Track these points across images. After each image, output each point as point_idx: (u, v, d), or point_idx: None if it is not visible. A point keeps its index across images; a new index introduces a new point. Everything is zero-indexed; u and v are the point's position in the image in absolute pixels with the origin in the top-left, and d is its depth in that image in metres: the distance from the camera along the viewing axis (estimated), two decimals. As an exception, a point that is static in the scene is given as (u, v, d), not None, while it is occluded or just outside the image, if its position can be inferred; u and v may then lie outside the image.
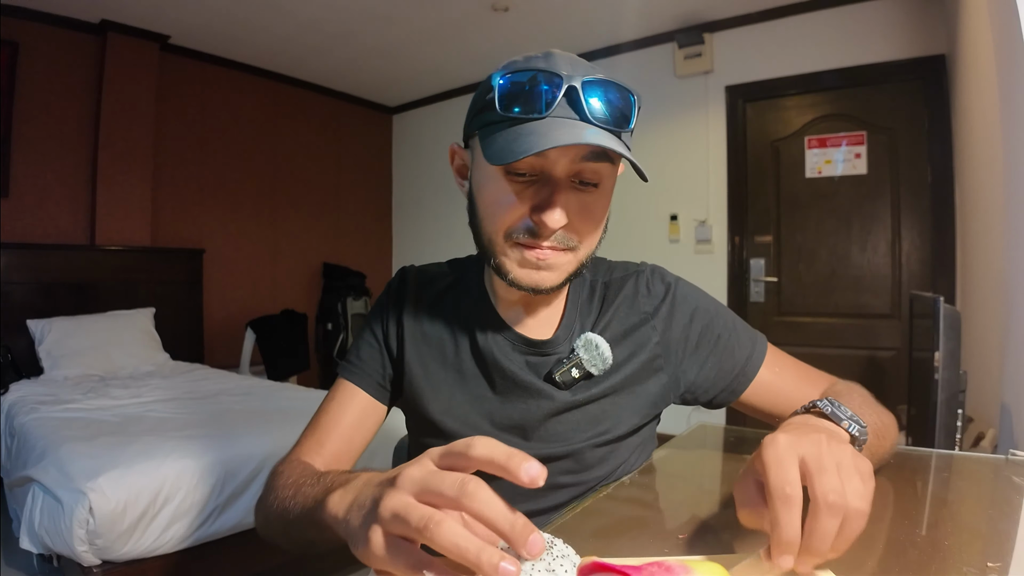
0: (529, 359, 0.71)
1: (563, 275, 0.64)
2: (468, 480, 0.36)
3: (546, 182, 0.59)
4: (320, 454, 0.70)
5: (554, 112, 0.56)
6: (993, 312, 1.59)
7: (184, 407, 2.24)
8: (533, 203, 0.60)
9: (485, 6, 3.19)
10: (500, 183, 0.61)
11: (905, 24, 2.84)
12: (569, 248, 0.63)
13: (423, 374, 0.73)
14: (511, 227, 0.61)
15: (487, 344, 0.71)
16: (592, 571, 0.36)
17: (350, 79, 4.41)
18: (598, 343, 0.69)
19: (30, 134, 3.08)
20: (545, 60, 0.60)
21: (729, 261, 3.36)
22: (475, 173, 0.65)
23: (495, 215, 0.62)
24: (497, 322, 0.72)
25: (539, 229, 0.60)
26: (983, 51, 1.71)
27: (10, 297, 2.90)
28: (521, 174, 0.60)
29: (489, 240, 0.64)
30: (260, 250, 4.18)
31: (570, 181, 0.60)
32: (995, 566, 0.42)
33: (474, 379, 0.72)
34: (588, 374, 0.69)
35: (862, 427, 0.50)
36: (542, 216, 0.59)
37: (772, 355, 0.75)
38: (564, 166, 0.59)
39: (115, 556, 1.50)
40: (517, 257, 0.62)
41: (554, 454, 0.70)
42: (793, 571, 0.40)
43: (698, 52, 3.37)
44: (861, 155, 3.01)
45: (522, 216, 0.61)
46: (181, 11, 3.19)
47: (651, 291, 0.75)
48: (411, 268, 0.80)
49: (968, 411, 1.39)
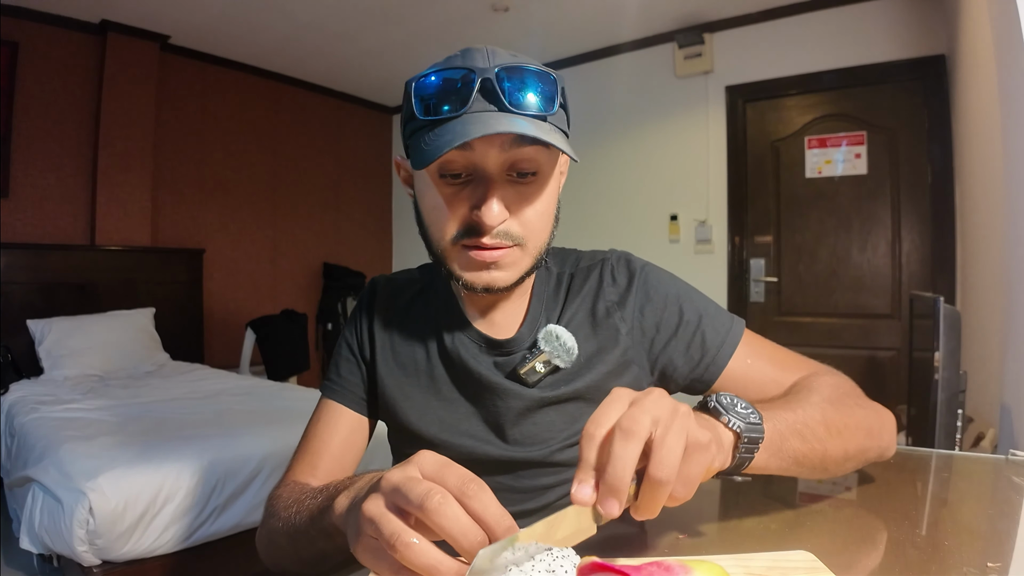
0: (496, 359, 0.70)
1: (516, 272, 0.63)
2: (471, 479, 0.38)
3: (481, 180, 0.59)
4: (315, 476, 0.70)
5: (472, 108, 0.55)
6: (993, 312, 1.59)
7: (184, 407, 2.24)
8: (471, 202, 0.59)
9: (485, 6, 3.19)
10: (437, 188, 0.60)
11: (905, 24, 2.84)
12: (516, 244, 0.61)
13: (396, 384, 0.73)
14: (454, 229, 0.60)
15: (455, 347, 0.70)
16: (592, 571, 0.36)
17: (350, 79, 4.41)
18: (559, 333, 0.67)
19: (30, 134, 3.07)
20: (462, 57, 0.59)
21: (729, 261, 3.36)
22: (416, 183, 0.65)
23: (437, 221, 0.61)
24: (464, 324, 0.71)
25: (479, 227, 0.59)
26: (983, 51, 1.71)
27: (10, 297, 2.90)
28: (456, 175, 0.59)
29: (437, 247, 0.63)
30: (260, 250, 4.18)
31: (506, 174, 0.59)
32: (995, 566, 0.42)
33: (446, 384, 0.71)
34: (555, 368, 0.68)
35: (751, 423, 0.46)
36: (480, 213, 0.58)
37: (748, 340, 0.71)
38: (495, 159, 0.57)
39: (115, 556, 1.50)
40: (464, 260, 0.61)
41: (532, 458, 0.69)
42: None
43: (698, 52, 3.37)
44: (861, 155, 3.01)
45: (462, 218, 0.60)
46: (181, 11, 3.19)
47: (616, 279, 0.72)
48: (380, 278, 0.80)
49: (968, 411, 1.39)
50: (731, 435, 0.46)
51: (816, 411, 0.55)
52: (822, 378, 0.64)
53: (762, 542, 0.50)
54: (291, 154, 4.35)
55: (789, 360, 0.71)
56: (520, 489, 0.70)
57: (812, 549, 0.45)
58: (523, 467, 0.70)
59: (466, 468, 0.69)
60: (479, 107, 0.56)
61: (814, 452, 0.53)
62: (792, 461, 0.52)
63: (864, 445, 0.59)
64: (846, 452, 0.57)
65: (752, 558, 0.44)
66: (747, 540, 0.52)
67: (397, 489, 0.38)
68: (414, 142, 0.59)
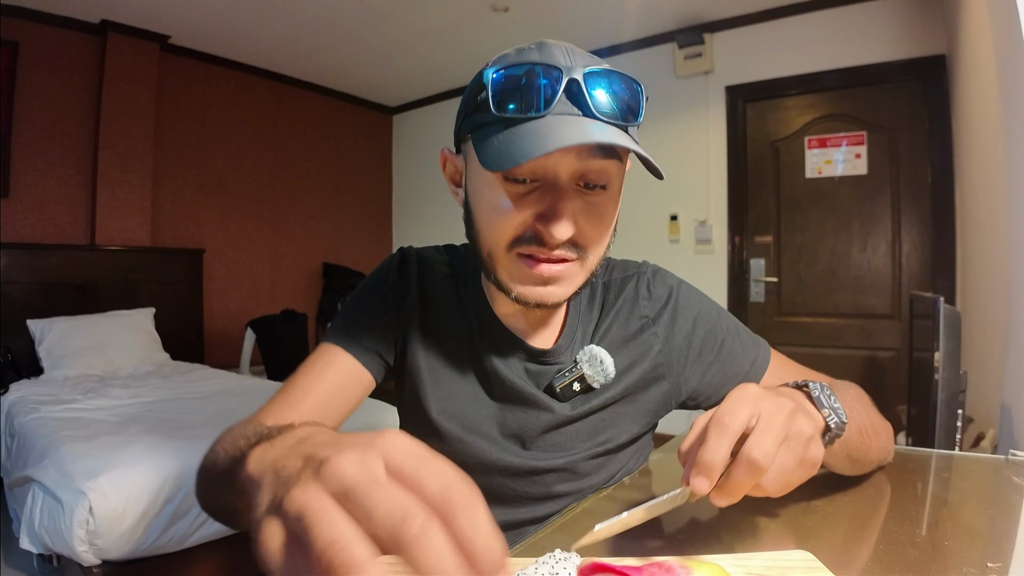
0: (529, 367, 0.67)
1: (572, 288, 0.59)
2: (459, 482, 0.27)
3: (550, 187, 0.54)
4: (288, 418, 0.59)
5: (555, 109, 0.51)
6: (993, 312, 1.59)
7: (184, 407, 2.24)
8: (537, 211, 0.54)
9: (485, 6, 3.19)
10: (499, 190, 0.55)
11: (905, 24, 2.84)
12: (578, 257, 0.58)
13: (427, 367, 0.68)
14: (514, 237, 0.56)
15: (486, 347, 0.67)
16: (592, 571, 0.36)
17: (350, 79, 4.41)
18: (603, 358, 0.65)
19: (30, 134, 3.08)
20: (540, 51, 0.54)
21: (729, 261, 3.36)
22: (470, 180, 0.60)
23: (495, 225, 0.56)
24: (496, 326, 0.68)
25: (545, 239, 0.55)
26: (983, 51, 1.71)
27: (10, 297, 2.90)
28: (522, 180, 0.54)
29: (489, 253, 0.58)
30: (260, 250, 4.18)
31: (575, 184, 0.55)
32: (995, 566, 0.42)
33: (472, 382, 0.68)
34: (588, 387, 0.66)
35: (842, 421, 0.48)
36: (548, 226, 0.53)
37: (775, 360, 0.73)
38: (569, 167, 0.54)
39: (115, 556, 1.50)
40: (520, 273, 0.57)
41: (552, 466, 0.68)
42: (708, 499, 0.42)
43: (698, 52, 3.37)
44: (861, 155, 3.01)
45: (525, 224, 0.55)
46: (181, 11, 3.19)
47: (652, 294, 0.71)
48: (410, 250, 0.74)
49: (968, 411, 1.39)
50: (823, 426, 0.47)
51: (863, 412, 0.58)
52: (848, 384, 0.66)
53: (762, 542, 0.50)
54: (291, 154, 4.35)
55: (814, 376, 0.72)
56: (534, 496, 0.68)
57: (812, 549, 0.45)
58: (540, 474, 0.68)
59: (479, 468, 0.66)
60: (562, 109, 0.52)
61: (864, 446, 0.57)
62: (846, 454, 0.55)
63: (885, 447, 0.63)
64: (878, 452, 0.60)
65: (751, 558, 0.44)
66: (747, 540, 0.52)
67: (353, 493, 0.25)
68: (481, 139, 0.54)
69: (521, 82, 0.51)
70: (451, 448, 0.67)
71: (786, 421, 0.41)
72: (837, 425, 0.47)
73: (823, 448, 0.45)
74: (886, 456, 0.64)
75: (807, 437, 0.42)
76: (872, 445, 0.58)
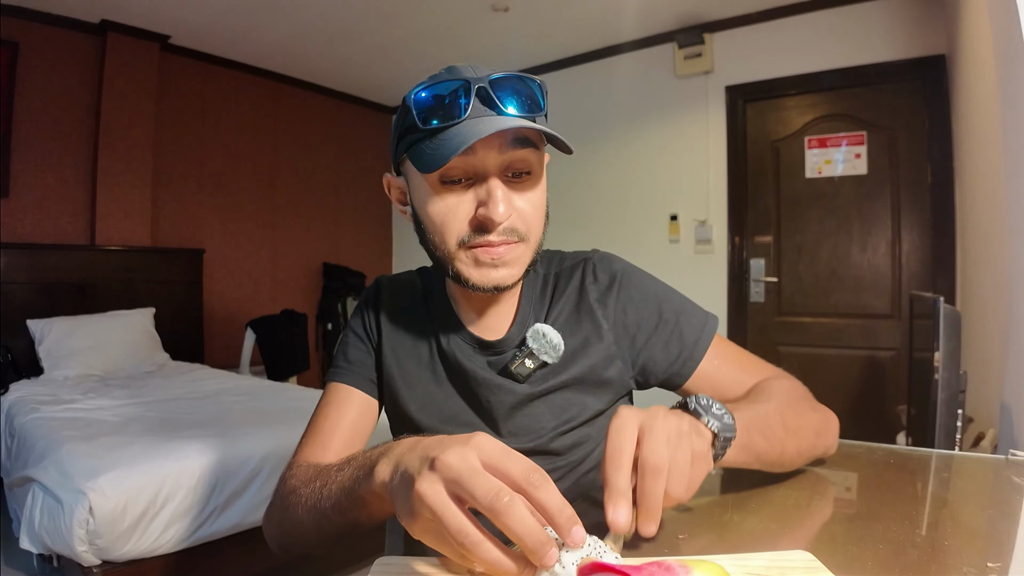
0: (489, 359, 0.74)
1: (520, 268, 0.66)
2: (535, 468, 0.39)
3: (482, 180, 0.62)
4: (325, 458, 0.70)
5: (471, 113, 0.59)
6: (993, 312, 1.59)
7: (184, 407, 2.24)
8: (475, 203, 0.62)
9: (485, 6, 3.19)
10: (440, 195, 0.63)
11: (905, 24, 2.84)
12: (520, 239, 0.65)
13: (400, 374, 0.76)
14: (460, 233, 0.63)
15: (451, 348, 0.74)
16: (592, 571, 0.37)
17: (350, 79, 4.41)
18: (545, 331, 0.71)
19: (30, 134, 3.08)
20: (449, 72, 0.63)
21: (729, 261, 3.36)
22: (414, 195, 0.68)
23: (443, 226, 0.64)
24: (458, 327, 0.75)
25: (487, 225, 0.62)
26: (983, 51, 1.71)
27: (10, 297, 2.90)
28: (456, 180, 0.62)
29: (443, 253, 0.65)
30: (260, 250, 4.18)
31: (504, 175, 0.63)
32: (995, 566, 0.42)
33: (443, 380, 0.76)
34: (543, 363, 0.71)
35: (725, 424, 0.51)
36: (487, 211, 0.61)
37: (717, 343, 0.75)
38: (494, 161, 0.61)
39: (115, 556, 1.51)
40: (471, 260, 0.64)
41: (525, 448, 0.71)
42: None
43: (698, 52, 3.37)
44: (861, 155, 3.01)
45: (468, 219, 0.63)
46: (181, 11, 3.19)
47: (598, 278, 0.76)
48: (384, 278, 0.83)
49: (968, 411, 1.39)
50: (710, 435, 0.51)
51: (776, 412, 0.62)
52: (779, 382, 0.71)
53: (762, 542, 0.50)
54: (291, 154, 4.35)
55: (751, 363, 0.76)
56: None
57: (811, 549, 0.45)
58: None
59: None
60: (478, 113, 0.60)
61: (774, 449, 0.60)
62: (755, 457, 0.58)
63: (813, 443, 0.66)
64: (799, 449, 0.64)
65: (751, 558, 0.44)
66: (747, 540, 0.52)
67: (459, 481, 0.38)
68: (415, 152, 0.62)
69: (438, 97, 0.60)
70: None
71: (664, 424, 0.44)
72: (721, 428, 0.51)
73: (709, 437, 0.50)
74: (817, 452, 0.68)
75: (686, 432, 0.46)
76: (786, 447, 0.61)
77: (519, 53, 3.84)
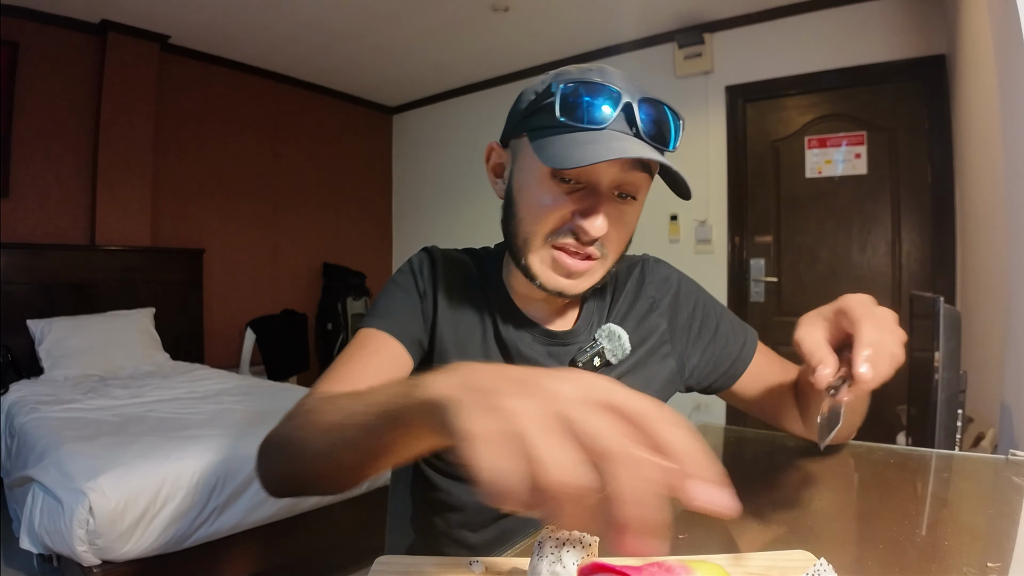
0: (551, 349, 0.73)
1: (590, 283, 0.66)
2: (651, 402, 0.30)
3: (592, 190, 0.61)
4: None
5: (611, 125, 0.59)
6: (993, 312, 1.59)
7: (184, 407, 2.24)
8: (577, 208, 0.61)
9: (485, 6, 3.19)
10: (546, 186, 0.62)
11: (905, 24, 2.84)
12: (602, 256, 0.65)
13: (455, 348, 0.71)
14: (553, 228, 0.63)
15: (509, 335, 0.72)
16: (592, 571, 0.36)
17: (350, 79, 4.41)
18: (620, 334, 0.72)
19: (30, 134, 3.07)
20: (601, 74, 0.61)
21: (729, 261, 3.36)
22: (517, 174, 0.66)
23: (538, 216, 0.63)
24: (518, 315, 0.73)
25: (581, 234, 0.62)
26: (983, 51, 1.71)
27: (10, 297, 2.90)
28: (568, 180, 0.61)
29: (525, 240, 0.64)
30: (260, 250, 4.18)
31: (612, 192, 0.63)
32: (995, 566, 0.42)
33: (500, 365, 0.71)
34: (607, 362, 0.72)
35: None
36: (585, 222, 0.60)
37: (761, 346, 0.81)
38: (611, 176, 0.61)
39: (115, 556, 1.50)
40: (550, 260, 0.64)
41: None
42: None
43: (698, 52, 3.37)
44: (861, 155, 3.01)
45: (564, 219, 0.62)
46: (181, 11, 3.19)
47: (655, 279, 0.79)
48: (435, 249, 0.77)
49: (968, 411, 1.39)
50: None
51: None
52: None
53: (762, 542, 0.50)
54: (291, 154, 4.35)
55: (788, 363, 0.81)
56: None
57: (812, 549, 0.45)
58: None
59: None
60: (617, 127, 0.59)
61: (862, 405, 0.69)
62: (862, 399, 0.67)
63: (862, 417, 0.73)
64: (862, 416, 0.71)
65: (751, 558, 0.44)
66: (747, 540, 0.52)
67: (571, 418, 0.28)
68: (540, 139, 0.61)
69: (586, 98, 0.59)
70: None
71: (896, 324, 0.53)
72: None
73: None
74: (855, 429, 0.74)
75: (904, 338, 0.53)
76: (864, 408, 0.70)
77: (519, 53, 3.84)
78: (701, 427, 0.96)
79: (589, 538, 0.39)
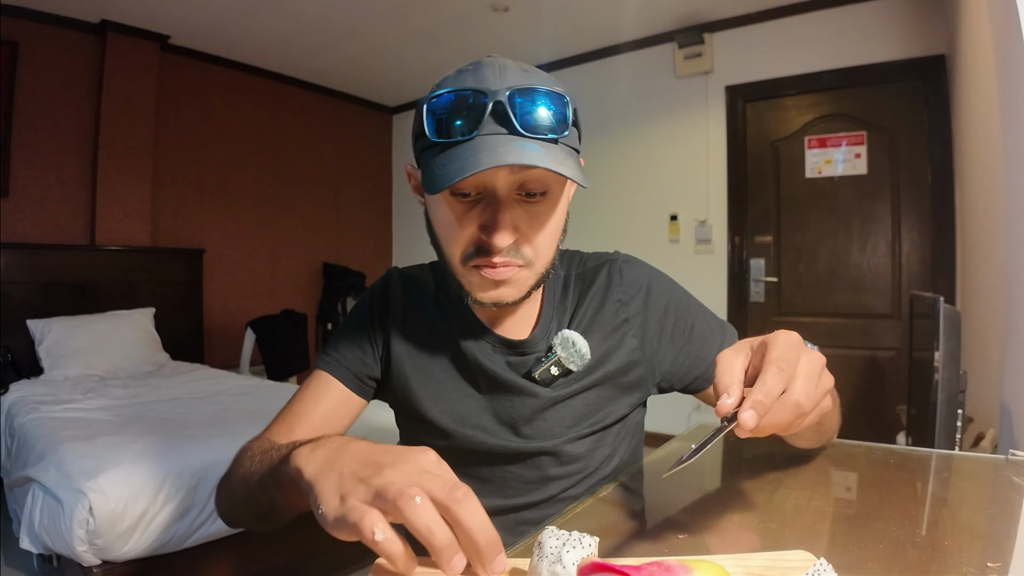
0: (509, 359, 0.71)
1: (523, 289, 0.64)
2: (459, 486, 0.38)
3: (491, 200, 0.59)
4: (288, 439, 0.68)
5: (482, 130, 0.55)
6: (993, 312, 1.59)
7: (184, 407, 2.24)
8: (480, 222, 0.59)
9: (485, 6, 3.19)
10: (447, 206, 0.61)
11: (905, 24, 2.84)
12: (525, 263, 0.62)
13: (414, 374, 0.73)
14: (463, 251, 0.62)
15: (469, 347, 0.71)
16: (592, 571, 0.37)
17: (350, 79, 4.41)
18: (575, 340, 0.69)
19: (30, 134, 3.08)
20: (473, 74, 0.58)
21: (729, 261, 3.36)
22: (427, 196, 0.65)
23: (448, 239, 0.62)
24: (476, 325, 0.72)
25: (489, 248, 0.60)
26: (983, 51, 1.71)
27: (10, 297, 2.90)
28: (465, 194, 0.59)
29: (447, 263, 0.65)
30: (260, 250, 4.18)
31: (516, 194, 0.60)
32: (995, 566, 0.42)
33: (459, 379, 0.73)
34: (567, 371, 0.70)
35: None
36: (489, 237, 0.58)
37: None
38: (504, 180, 0.58)
39: (115, 556, 1.50)
40: (475, 279, 0.63)
41: (542, 448, 0.71)
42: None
43: (698, 52, 3.37)
44: (861, 155, 3.01)
45: (472, 237, 0.61)
46: (181, 11, 3.19)
47: (623, 280, 0.75)
48: (395, 271, 0.79)
49: (968, 411, 1.39)
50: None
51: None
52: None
53: (762, 542, 0.50)
54: (291, 154, 4.35)
55: None
56: (528, 479, 0.73)
57: (812, 549, 0.45)
58: (532, 456, 0.72)
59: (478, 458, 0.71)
60: (490, 130, 0.56)
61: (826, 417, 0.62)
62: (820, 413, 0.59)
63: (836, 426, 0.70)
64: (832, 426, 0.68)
65: (751, 558, 0.44)
66: (747, 540, 0.52)
67: (395, 505, 0.38)
68: (425, 161, 0.59)
69: (451, 109, 0.56)
70: (452, 442, 0.72)
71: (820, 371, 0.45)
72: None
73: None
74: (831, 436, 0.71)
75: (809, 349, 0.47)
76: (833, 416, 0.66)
77: (519, 53, 3.84)
78: (699, 427, 0.96)
79: (589, 538, 0.39)
